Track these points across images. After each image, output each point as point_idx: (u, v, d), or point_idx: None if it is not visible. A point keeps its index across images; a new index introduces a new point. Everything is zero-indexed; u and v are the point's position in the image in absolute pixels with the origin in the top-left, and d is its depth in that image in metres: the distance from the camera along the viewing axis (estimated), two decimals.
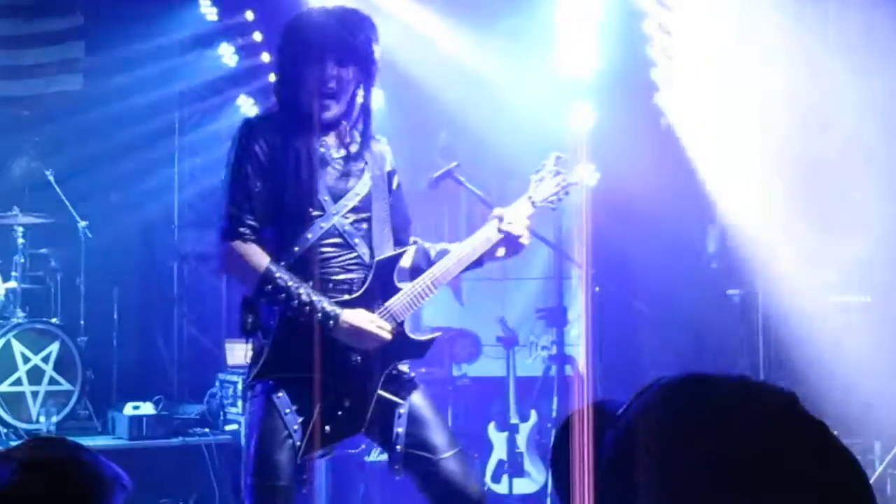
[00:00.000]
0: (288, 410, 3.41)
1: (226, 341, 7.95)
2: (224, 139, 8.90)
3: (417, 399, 3.61)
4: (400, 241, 3.74)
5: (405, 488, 5.64)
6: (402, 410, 3.56)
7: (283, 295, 3.40)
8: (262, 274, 3.41)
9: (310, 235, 3.50)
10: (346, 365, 3.49)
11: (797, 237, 6.27)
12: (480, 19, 7.28)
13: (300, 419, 3.41)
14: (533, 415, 7.01)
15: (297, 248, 3.49)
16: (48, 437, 1.97)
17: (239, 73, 8.78)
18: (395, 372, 3.59)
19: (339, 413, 3.47)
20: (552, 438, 1.54)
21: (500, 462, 6.86)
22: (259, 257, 3.45)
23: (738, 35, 6.37)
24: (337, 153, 3.61)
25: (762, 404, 1.24)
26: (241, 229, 3.46)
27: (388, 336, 3.50)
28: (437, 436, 3.59)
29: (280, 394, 3.42)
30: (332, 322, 3.43)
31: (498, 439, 6.98)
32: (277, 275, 3.41)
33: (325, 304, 3.44)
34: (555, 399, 6.68)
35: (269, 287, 3.40)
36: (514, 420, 7.01)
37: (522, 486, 6.77)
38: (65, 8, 8.67)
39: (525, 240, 3.72)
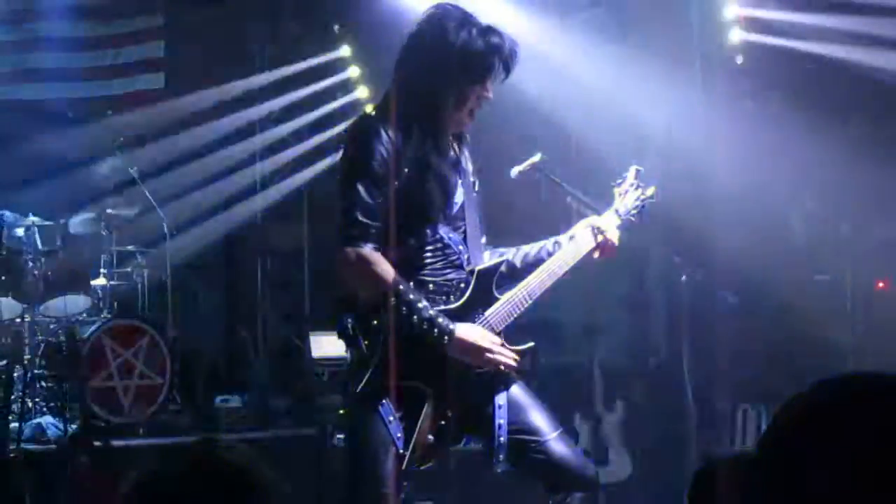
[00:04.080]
0: (392, 419, 3.37)
1: (310, 333, 8.01)
2: (304, 135, 8.99)
3: (513, 387, 3.60)
4: None
5: (493, 475, 5.64)
6: (500, 401, 3.54)
7: (405, 309, 3.37)
8: (388, 286, 3.37)
9: (413, 241, 3.47)
10: (449, 376, 3.46)
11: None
12: (558, 10, 7.23)
13: (403, 426, 3.39)
14: (618, 405, 6.96)
15: (401, 251, 3.45)
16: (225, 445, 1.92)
17: (317, 69, 8.83)
18: (491, 377, 3.56)
19: (443, 423, 3.45)
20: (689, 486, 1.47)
21: (585, 452, 6.81)
22: (385, 267, 3.40)
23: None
24: (445, 160, 3.56)
25: None
26: (368, 237, 3.40)
27: (507, 360, 3.49)
28: (540, 418, 3.57)
29: (384, 401, 3.38)
30: (446, 338, 3.41)
31: (583, 429, 6.94)
32: (402, 287, 3.37)
33: (440, 319, 3.41)
34: (640, 389, 6.61)
35: (394, 300, 3.36)
36: (599, 409, 6.97)
37: (607, 476, 6.72)
38: (143, 8, 8.78)
39: (615, 248, 3.75)
